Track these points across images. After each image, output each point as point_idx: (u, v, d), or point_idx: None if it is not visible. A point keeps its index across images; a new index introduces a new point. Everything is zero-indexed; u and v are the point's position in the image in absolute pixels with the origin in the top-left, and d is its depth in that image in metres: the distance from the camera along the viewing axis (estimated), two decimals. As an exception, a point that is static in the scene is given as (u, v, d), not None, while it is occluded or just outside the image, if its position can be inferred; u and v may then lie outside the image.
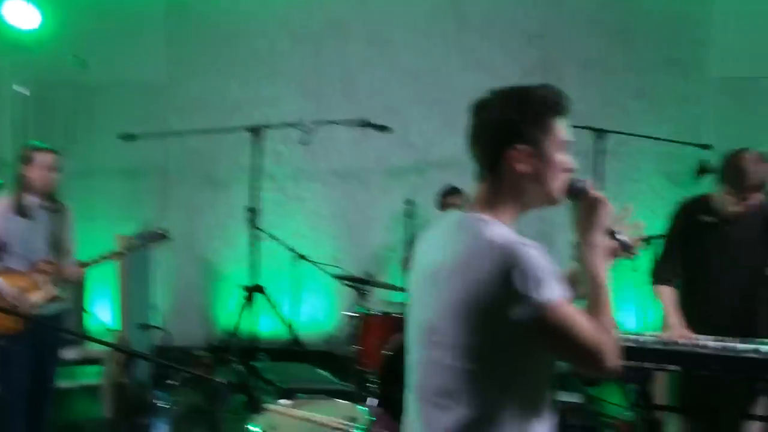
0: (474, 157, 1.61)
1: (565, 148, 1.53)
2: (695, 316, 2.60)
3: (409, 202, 5.08)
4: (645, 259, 3.12)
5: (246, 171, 5.58)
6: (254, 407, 2.42)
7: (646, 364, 2.37)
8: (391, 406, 4.00)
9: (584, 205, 1.50)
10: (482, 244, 1.46)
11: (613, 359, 1.43)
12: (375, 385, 4.12)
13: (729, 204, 2.61)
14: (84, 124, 5.77)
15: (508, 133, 1.53)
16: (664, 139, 5.13)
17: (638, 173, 5.44)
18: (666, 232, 3.00)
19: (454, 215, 1.64)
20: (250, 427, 2.55)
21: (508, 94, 1.57)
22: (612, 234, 1.49)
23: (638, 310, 4.97)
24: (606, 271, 1.46)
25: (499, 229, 1.49)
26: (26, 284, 3.28)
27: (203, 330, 5.84)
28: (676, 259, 2.84)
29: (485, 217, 1.54)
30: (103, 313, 5.53)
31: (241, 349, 4.75)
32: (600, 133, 4.84)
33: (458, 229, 1.55)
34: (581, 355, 1.43)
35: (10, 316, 3.18)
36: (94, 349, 4.41)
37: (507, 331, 1.42)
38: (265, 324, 5.08)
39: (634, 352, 2.38)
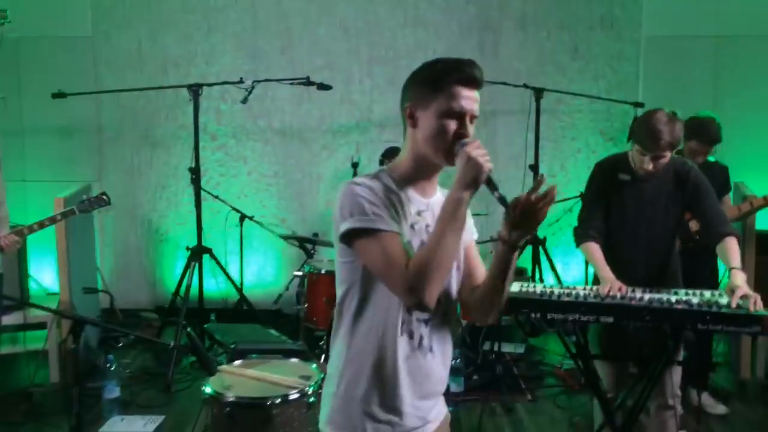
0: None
1: (455, 115, 1.66)
2: (615, 270, 2.75)
3: (354, 165, 5.11)
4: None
5: (185, 129, 5.50)
6: (208, 369, 2.48)
7: (582, 317, 2.52)
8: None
9: (460, 162, 1.63)
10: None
11: (414, 289, 1.57)
12: (324, 343, 4.23)
13: (642, 163, 2.75)
14: (10, 81, 5.52)
15: (406, 91, 1.74)
16: (598, 98, 5.33)
17: (574, 131, 5.61)
18: (586, 191, 3.13)
19: None
20: (205, 389, 2.60)
21: (425, 62, 1.73)
22: (491, 187, 1.62)
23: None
24: (459, 219, 1.62)
25: (363, 175, 1.74)
26: None
27: (149, 292, 5.80)
28: (597, 218, 2.94)
29: (382, 168, 1.81)
30: (45, 276, 5.43)
31: (189, 311, 4.75)
32: (537, 91, 4.99)
33: None
34: (385, 277, 1.63)
35: None
36: (37, 314, 4.33)
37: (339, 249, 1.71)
38: (212, 285, 5.08)
39: (571, 305, 2.54)
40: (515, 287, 2.68)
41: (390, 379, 1.70)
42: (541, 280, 4.97)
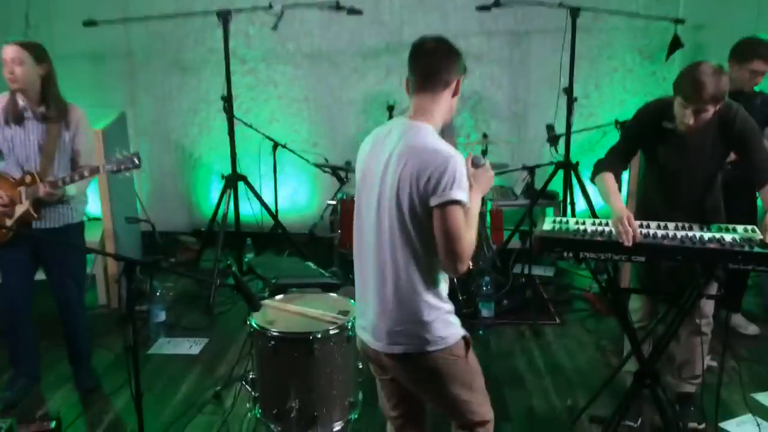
0: (430, 76, 2.10)
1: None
2: (653, 212, 2.76)
3: (390, 108, 5.09)
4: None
5: (214, 54, 5.47)
6: (252, 305, 2.60)
7: (614, 256, 2.56)
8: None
9: (484, 179, 2.22)
10: (427, 148, 2.01)
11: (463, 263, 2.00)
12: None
13: (683, 117, 2.68)
14: (40, 9, 5.50)
15: (457, 63, 2.14)
16: (637, 15, 5.14)
17: (611, 49, 5.45)
18: (626, 127, 3.09)
19: (401, 120, 2.15)
20: (251, 323, 2.74)
21: (454, 47, 2.16)
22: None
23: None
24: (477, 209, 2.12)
25: (437, 137, 2.06)
26: (15, 195, 3.17)
27: (185, 215, 5.96)
28: (622, 159, 2.94)
29: (424, 124, 2.09)
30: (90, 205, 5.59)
31: (225, 235, 4.90)
32: (573, 9, 4.82)
33: (409, 129, 2.09)
34: (450, 245, 1.98)
35: None
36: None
37: (426, 212, 2.00)
38: (247, 210, 5.19)
39: (604, 245, 2.57)
40: (548, 225, 2.71)
41: None
42: (572, 204, 4.99)
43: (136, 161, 3.11)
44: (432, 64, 2.11)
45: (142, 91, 5.77)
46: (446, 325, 2.11)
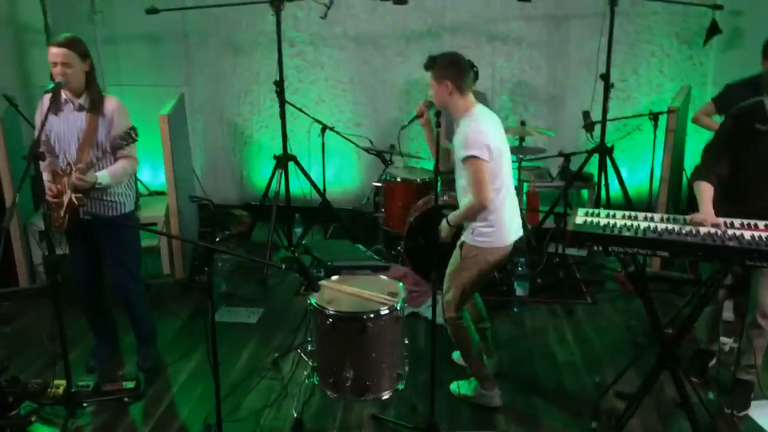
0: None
1: None
2: (741, 213, 2.91)
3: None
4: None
5: (265, 36, 5.76)
6: (312, 286, 2.93)
7: (640, 250, 2.81)
8: (416, 263, 4.60)
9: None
10: None
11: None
12: (401, 247, 4.67)
13: None
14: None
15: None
16: (675, 1, 5.23)
17: (649, 34, 5.57)
18: (718, 132, 3.23)
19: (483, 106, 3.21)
20: (310, 301, 3.07)
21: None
22: None
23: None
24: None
25: None
26: (62, 185, 3.35)
27: (237, 189, 6.33)
28: (722, 164, 3.09)
29: None
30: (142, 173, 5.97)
31: (277, 209, 5.22)
32: (613, -3, 4.94)
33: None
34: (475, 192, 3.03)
35: (55, 213, 3.38)
36: (148, 214, 4.87)
37: None
38: (296, 184, 5.48)
39: (631, 240, 2.80)
40: (580, 219, 2.97)
41: None
42: (607, 187, 5.18)
43: (133, 135, 3.21)
44: None
45: (197, 71, 6.10)
46: None
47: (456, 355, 3.70)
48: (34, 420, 2.48)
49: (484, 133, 3.05)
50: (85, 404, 3.35)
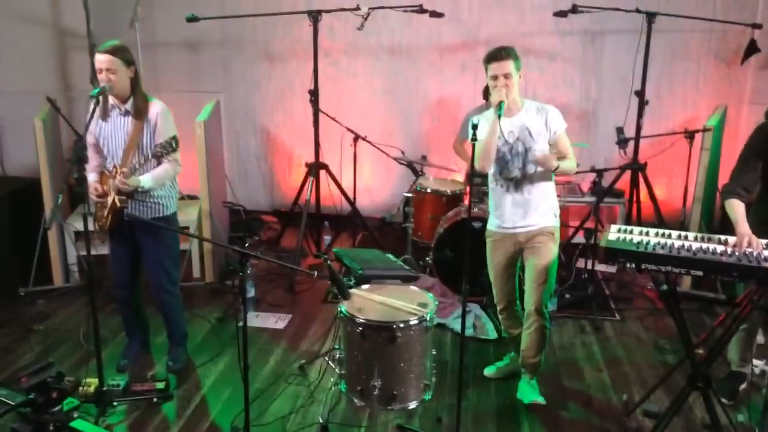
0: None
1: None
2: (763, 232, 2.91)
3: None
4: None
5: (300, 45, 5.83)
6: (343, 295, 2.95)
7: (674, 269, 2.79)
8: (444, 275, 4.61)
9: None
10: None
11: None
12: (430, 256, 4.68)
13: None
14: (146, 1, 5.94)
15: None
16: (713, 20, 5.19)
17: (686, 51, 5.53)
18: (744, 149, 3.23)
19: None
20: (341, 309, 3.10)
21: None
22: None
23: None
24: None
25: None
26: (108, 187, 3.46)
27: (267, 195, 6.40)
28: (749, 178, 3.10)
29: None
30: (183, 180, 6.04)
31: (307, 216, 5.27)
32: (649, 15, 4.91)
33: None
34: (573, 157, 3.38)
35: (99, 213, 3.51)
36: (180, 219, 4.92)
37: None
38: (325, 191, 5.53)
39: (664, 258, 2.79)
40: (614, 235, 2.96)
41: None
42: (638, 204, 5.14)
43: (174, 145, 3.25)
44: None
45: (233, 78, 6.19)
46: None
47: (490, 370, 3.73)
48: (77, 416, 2.55)
49: None
50: (115, 403, 3.41)
